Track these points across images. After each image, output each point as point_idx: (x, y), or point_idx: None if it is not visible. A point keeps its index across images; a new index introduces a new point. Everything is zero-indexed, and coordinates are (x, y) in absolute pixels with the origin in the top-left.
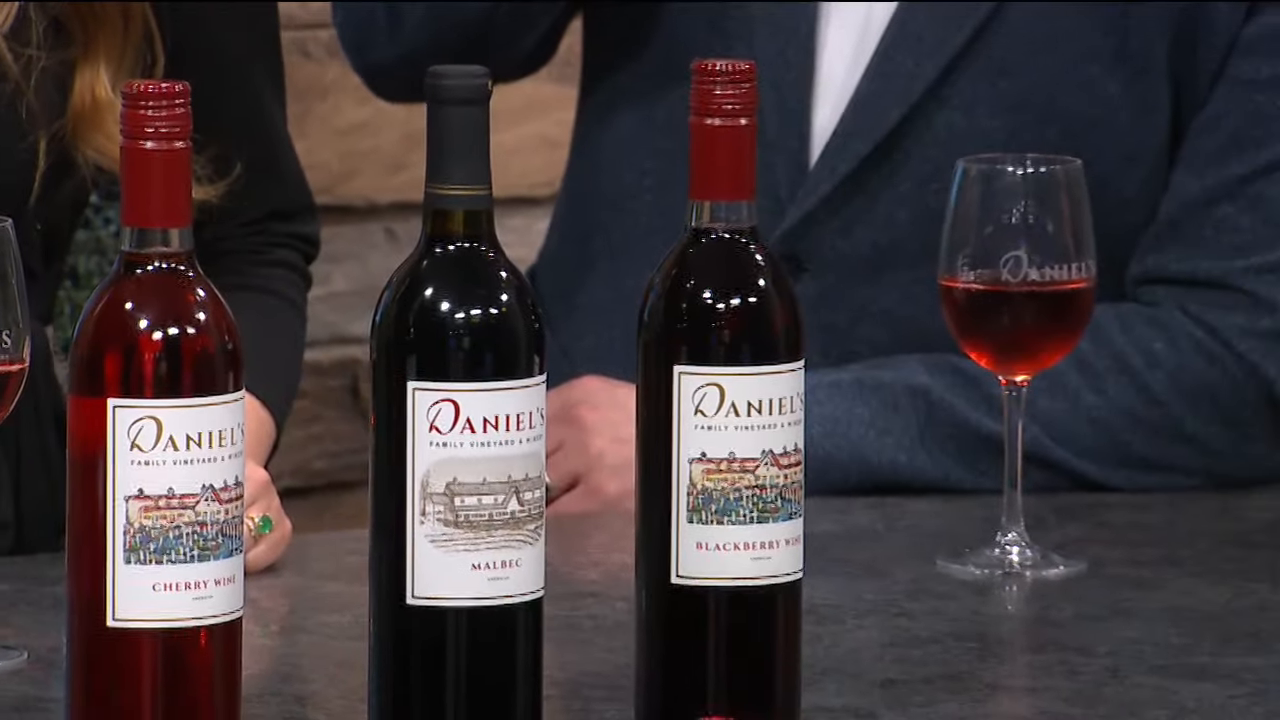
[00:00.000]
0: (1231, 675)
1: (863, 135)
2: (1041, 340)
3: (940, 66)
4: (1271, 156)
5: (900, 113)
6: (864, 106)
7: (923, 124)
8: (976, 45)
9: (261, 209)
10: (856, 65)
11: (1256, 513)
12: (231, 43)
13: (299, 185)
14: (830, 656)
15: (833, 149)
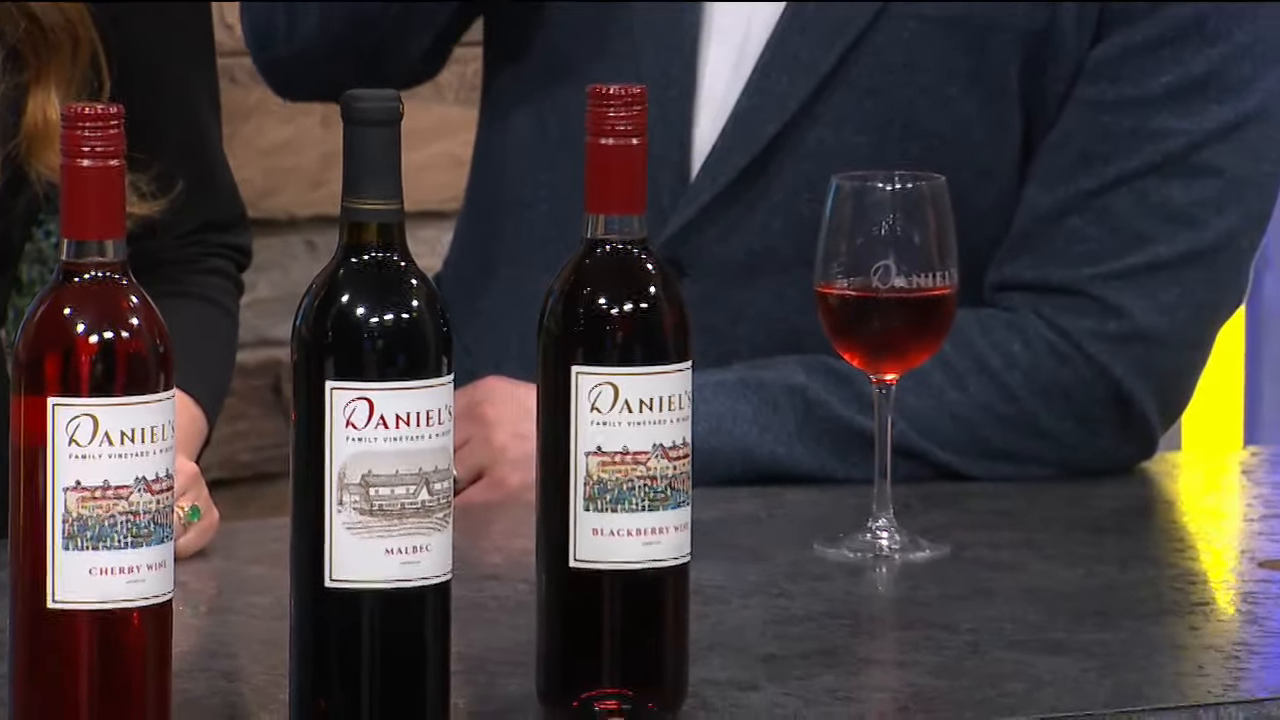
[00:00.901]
0: (1083, 650)
1: (740, 149)
2: (908, 342)
3: (812, 86)
4: (1117, 172)
5: (775, 128)
6: (742, 122)
7: (796, 139)
8: (845, 67)
9: (197, 221)
10: (735, 84)
11: (1105, 501)
12: (173, 67)
13: (233, 198)
14: (716, 633)
15: (713, 161)
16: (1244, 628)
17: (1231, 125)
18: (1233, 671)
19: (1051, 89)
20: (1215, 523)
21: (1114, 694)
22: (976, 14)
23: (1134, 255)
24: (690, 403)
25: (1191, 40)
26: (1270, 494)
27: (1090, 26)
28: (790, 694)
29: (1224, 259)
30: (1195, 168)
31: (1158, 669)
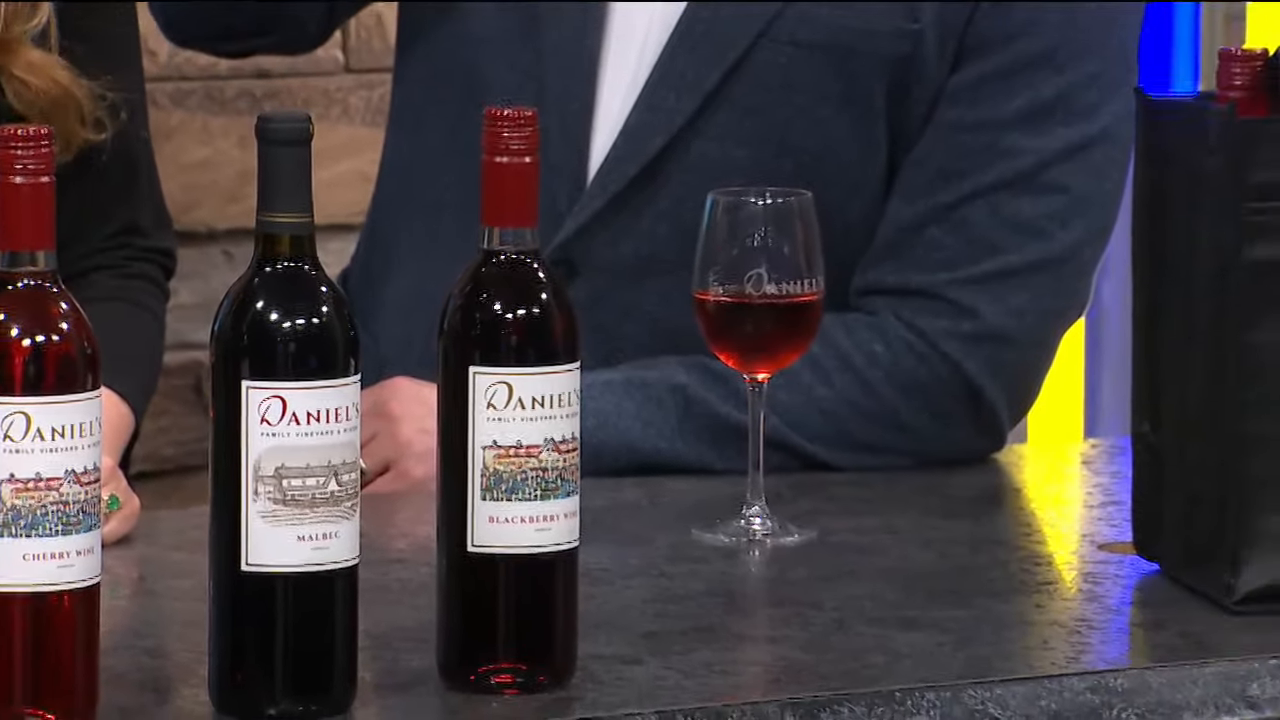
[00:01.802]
0: (938, 625)
1: (631, 160)
2: (779, 344)
3: (697, 104)
4: (972, 187)
5: (663, 142)
6: (633, 135)
7: (682, 152)
8: (727, 87)
9: (124, 223)
10: (628, 100)
11: (958, 489)
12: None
13: (159, 205)
14: (602, 612)
15: (605, 171)
16: (1085, 605)
17: (1077, 147)
18: (1075, 645)
19: (914, 111)
20: (1059, 509)
21: (966, 666)
22: (847, 41)
23: (987, 263)
24: (579, 400)
25: (1042, 69)
26: (1109, 482)
27: (950, 55)
28: (670, 668)
29: (1069, 268)
30: (1044, 184)
31: (1006, 643)
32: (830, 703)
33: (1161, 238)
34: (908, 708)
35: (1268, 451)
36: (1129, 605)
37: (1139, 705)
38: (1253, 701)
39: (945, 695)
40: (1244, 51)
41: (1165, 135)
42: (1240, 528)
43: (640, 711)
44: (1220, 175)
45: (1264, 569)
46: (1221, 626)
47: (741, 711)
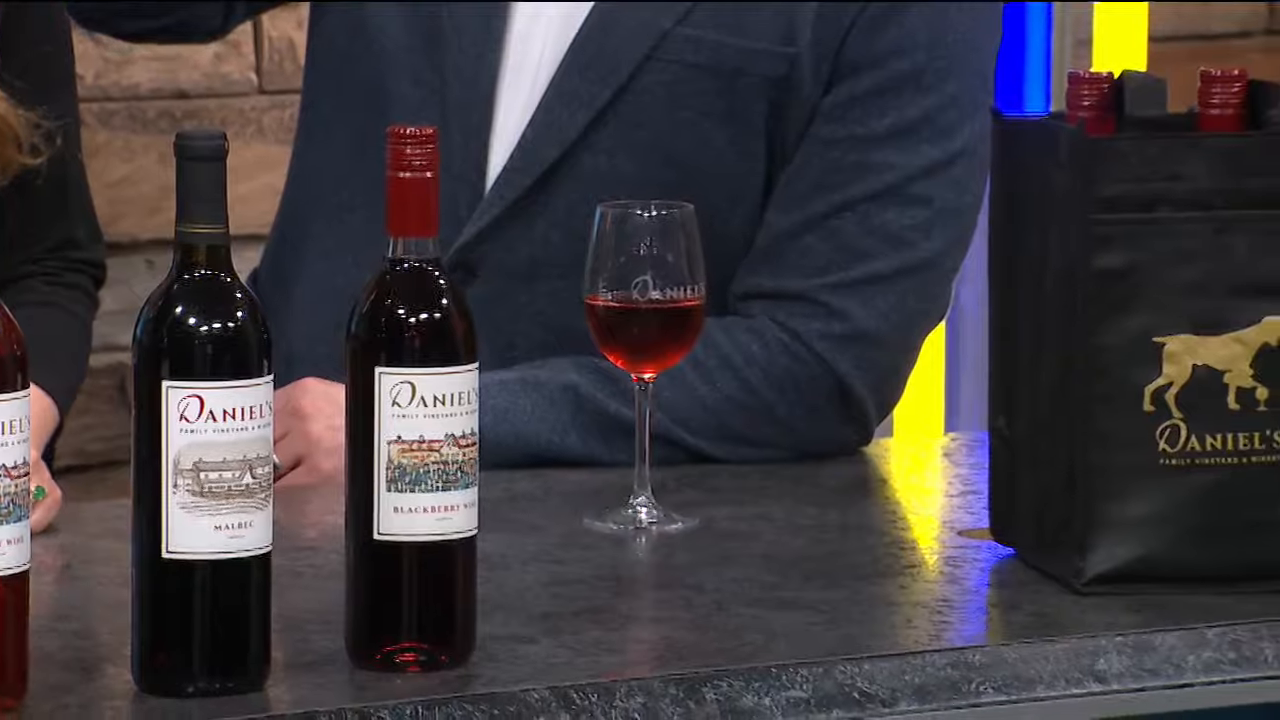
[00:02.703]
0: (811, 606)
1: (527, 171)
2: (664, 346)
3: (588, 119)
4: (844, 199)
5: (556, 154)
6: (529, 148)
7: (574, 164)
8: (617, 104)
9: (60, 239)
10: (525, 115)
11: (829, 479)
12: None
13: (91, 221)
14: (500, 595)
15: (503, 181)
16: (946, 587)
17: (940, 163)
18: (937, 624)
19: (791, 128)
20: (921, 498)
21: (837, 643)
22: (729, 63)
23: (857, 269)
24: (477, 398)
25: (908, 90)
26: (968, 473)
27: (824, 76)
28: (563, 646)
29: (932, 275)
30: (909, 197)
31: (874, 622)
32: (711, 678)
33: (1016, 247)
34: (782, 682)
35: (1112, 445)
36: (986, 587)
37: (995, 679)
38: (1100, 676)
39: (817, 671)
40: (1091, 75)
41: (1020, 152)
42: (1088, 515)
43: (535, 687)
44: (1070, 189)
45: (1110, 553)
46: (1071, 606)
47: (629, 687)
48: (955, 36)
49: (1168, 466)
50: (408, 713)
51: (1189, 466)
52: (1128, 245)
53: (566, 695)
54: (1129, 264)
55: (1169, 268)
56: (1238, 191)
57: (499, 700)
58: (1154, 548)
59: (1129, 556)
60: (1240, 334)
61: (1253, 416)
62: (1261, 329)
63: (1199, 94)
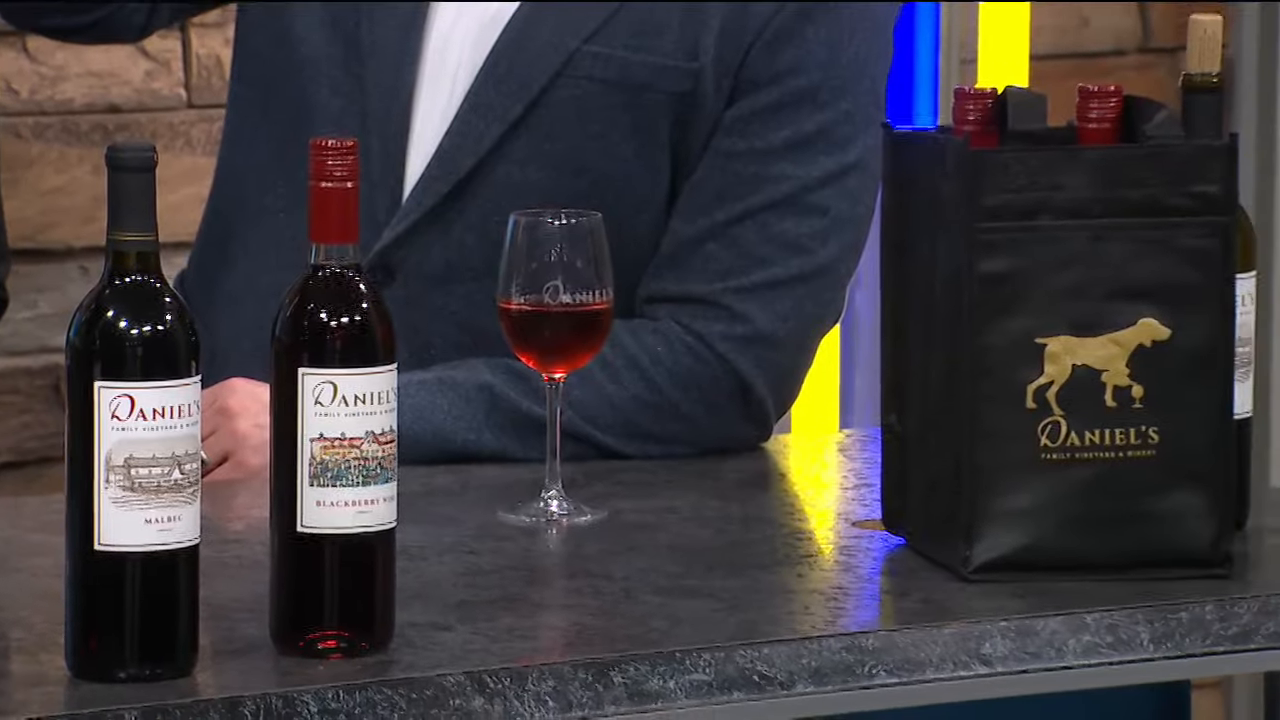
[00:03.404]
0: (713, 594)
1: (444, 179)
2: (574, 347)
3: (502, 131)
4: (745, 208)
5: (472, 163)
6: (446, 157)
7: (488, 173)
8: (530, 116)
9: None
10: (441, 126)
11: (731, 474)
12: None
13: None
14: (418, 584)
15: (420, 188)
16: (841, 575)
17: (835, 174)
18: (832, 610)
19: (694, 140)
20: (818, 491)
21: (738, 629)
22: (636, 79)
23: (757, 274)
24: (396, 398)
25: (805, 106)
26: (861, 468)
27: (726, 91)
28: (478, 633)
29: (827, 280)
30: (806, 207)
31: (773, 609)
32: (618, 662)
33: (906, 253)
34: (686, 666)
35: (996, 440)
36: (879, 575)
37: (887, 662)
38: (986, 659)
39: (719, 655)
40: (976, 91)
41: (909, 164)
42: (974, 507)
43: (451, 672)
44: (955, 199)
45: (995, 543)
46: (959, 593)
47: (540, 671)
48: (849, 56)
49: (1049, 461)
50: (329, 697)
51: (1069, 461)
52: (1010, 251)
53: (481, 680)
54: (1012, 269)
55: (1050, 272)
56: (1114, 200)
57: (417, 685)
58: (1036, 537)
59: (1013, 545)
60: (1117, 335)
61: (1128, 413)
62: (1137, 330)
63: (1077, 109)
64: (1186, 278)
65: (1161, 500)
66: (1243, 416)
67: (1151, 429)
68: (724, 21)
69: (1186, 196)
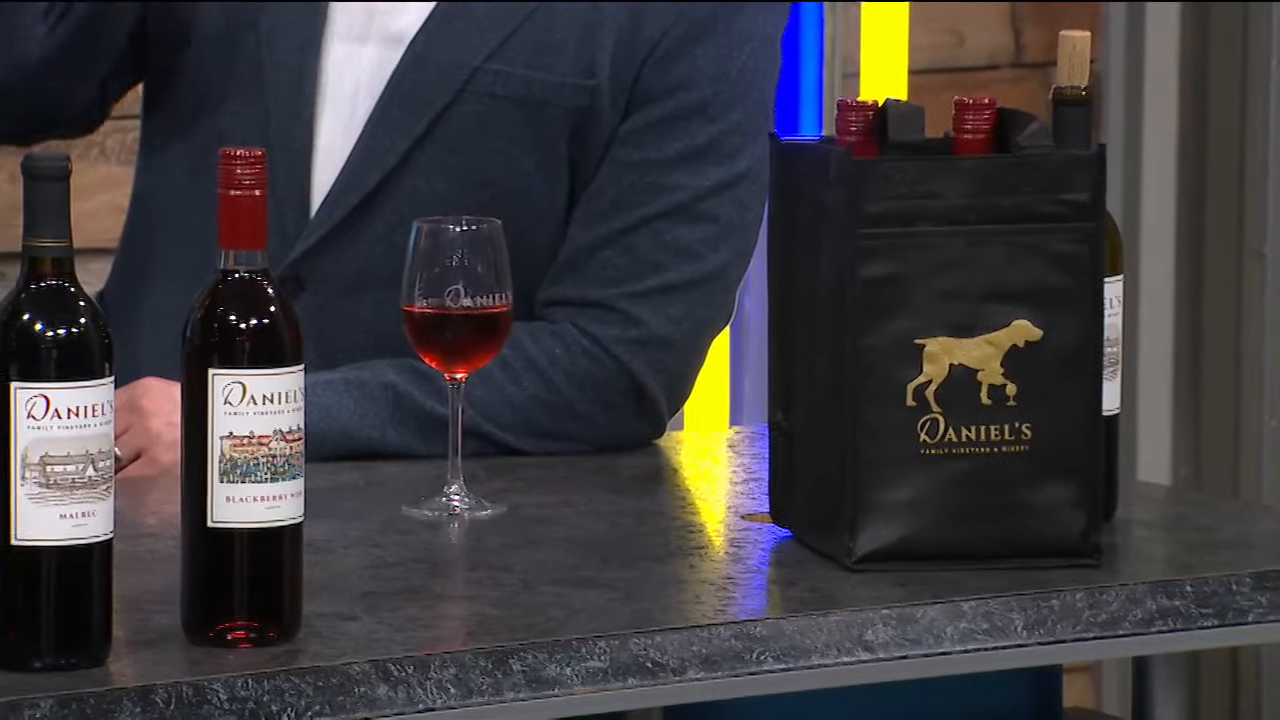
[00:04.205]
0: (609, 585)
1: (352, 192)
2: (475, 349)
3: (408, 146)
4: (640, 216)
5: (379, 177)
6: (354, 172)
7: (395, 186)
8: (434, 131)
9: None
10: (347, 141)
11: (625, 470)
12: None
13: None
14: (324, 577)
15: (330, 201)
16: (730, 566)
17: (726, 184)
18: (722, 600)
19: (592, 152)
20: (709, 485)
21: (632, 618)
22: (535, 95)
23: (651, 280)
24: (303, 397)
25: (697, 118)
26: (750, 463)
27: (621, 105)
28: (383, 623)
29: (718, 285)
30: (698, 215)
31: (666, 598)
32: (517, 650)
33: (792, 258)
34: (582, 654)
35: (878, 436)
36: (767, 565)
37: (775, 649)
38: (868, 645)
39: (614, 643)
40: (858, 102)
41: (795, 173)
42: (857, 500)
43: (356, 661)
44: (839, 206)
45: (877, 534)
46: (843, 582)
47: (442, 659)
48: (738, 70)
49: (928, 456)
50: (238, 685)
51: (946, 455)
52: (891, 256)
53: (385, 668)
54: (892, 273)
55: (928, 276)
56: (989, 208)
57: (323, 673)
58: (916, 529)
59: (894, 537)
60: (991, 336)
61: (1003, 411)
62: (1011, 331)
63: (954, 120)
64: (1057, 281)
65: (1034, 494)
66: (1111, 413)
67: (1025, 425)
68: (618, 40)
69: (1057, 204)
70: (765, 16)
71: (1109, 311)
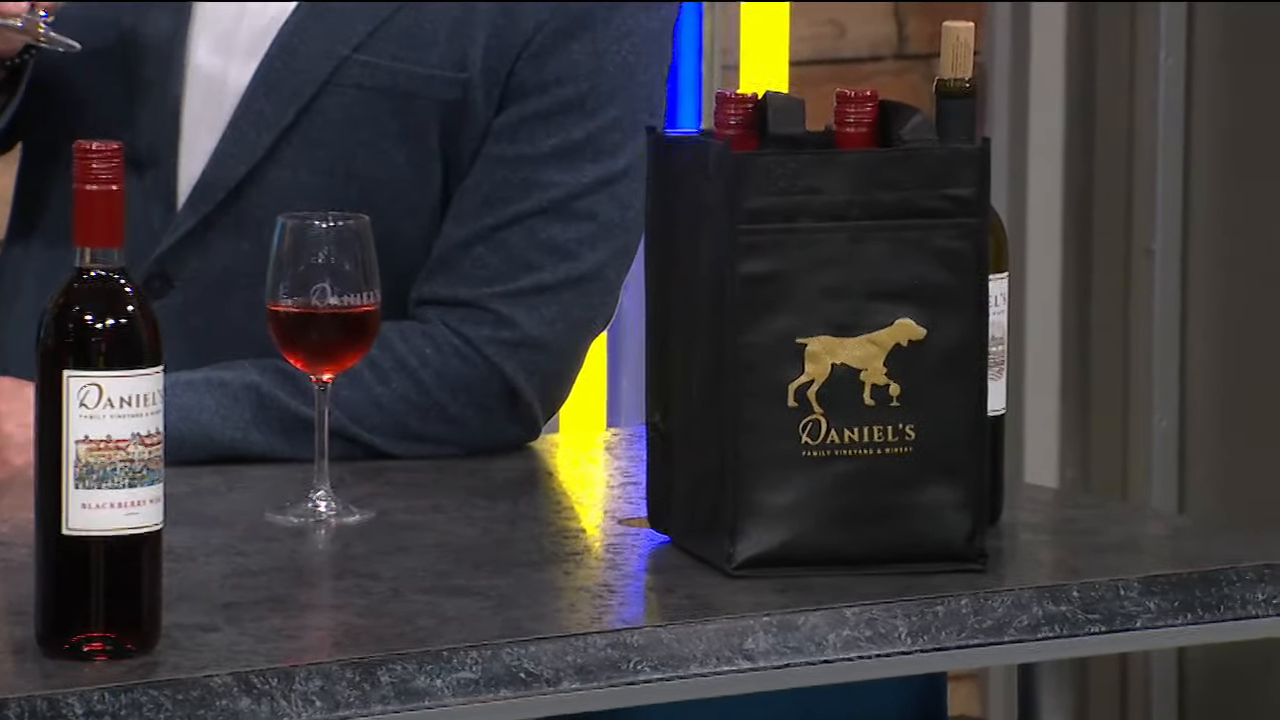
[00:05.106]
0: (481, 593)
1: (219, 185)
2: (341, 349)
3: (274, 138)
4: (514, 213)
5: (245, 170)
6: (220, 164)
7: (262, 179)
8: (301, 123)
9: None
10: (213, 135)
11: (499, 474)
12: None
13: None
14: (185, 586)
15: (196, 195)
16: (607, 572)
17: (604, 181)
18: (598, 607)
19: (465, 147)
20: (585, 489)
21: (505, 627)
22: (404, 87)
23: (524, 279)
24: (162, 399)
25: (574, 113)
26: (627, 465)
27: (495, 99)
28: (245, 634)
29: (596, 285)
30: (574, 212)
31: (540, 606)
32: (385, 661)
33: (671, 254)
34: (453, 664)
35: (759, 437)
36: (644, 572)
37: (652, 659)
38: (749, 654)
39: (486, 653)
40: (738, 95)
41: (673, 167)
42: (737, 503)
43: (217, 673)
44: (718, 202)
45: (758, 539)
46: (722, 589)
47: (308, 671)
48: (617, 64)
49: (809, 457)
50: (95, 699)
51: (829, 457)
52: (771, 253)
53: (248, 680)
54: (773, 270)
55: (809, 274)
56: (871, 203)
57: (183, 686)
58: (798, 533)
59: (775, 541)
60: (874, 335)
61: (886, 411)
62: (894, 330)
63: (835, 113)
64: (941, 279)
65: (918, 496)
66: (996, 414)
67: (908, 426)
68: (491, 33)
69: (940, 199)
70: (649, 11)
71: (994, 309)
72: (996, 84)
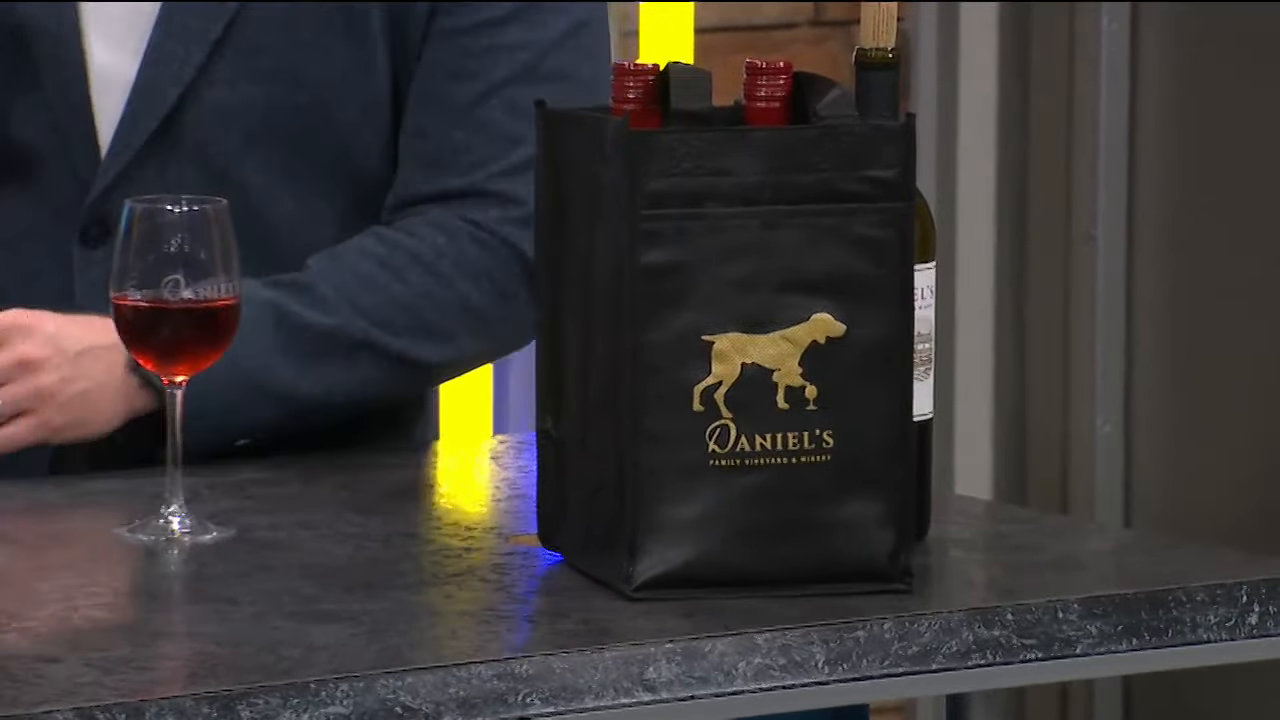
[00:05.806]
0: (353, 618)
1: (149, 114)
2: (197, 347)
3: (205, 51)
4: (485, 85)
5: (177, 92)
6: (146, 91)
7: (196, 99)
8: (233, 32)
9: None
10: (134, 57)
11: (372, 485)
12: None
13: None
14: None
15: (123, 131)
16: (493, 595)
17: (569, 33)
18: (483, 634)
19: (413, 30)
20: (470, 503)
21: (379, 656)
22: None
23: (515, 153)
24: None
25: None
26: (515, 477)
27: None
28: (90, 665)
29: None
30: (547, 74)
31: (418, 633)
32: (246, 695)
33: (563, 244)
34: (322, 698)
35: (661, 445)
36: (534, 594)
37: (543, 690)
38: (650, 684)
39: (359, 685)
40: (637, 65)
41: (567, 146)
42: (637, 518)
43: (59, 709)
44: (616, 184)
45: (661, 557)
46: (621, 613)
47: (159, 706)
48: None
49: (717, 467)
50: None
51: (738, 467)
52: (675, 241)
53: (92, 716)
54: (677, 260)
55: (717, 264)
56: (785, 186)
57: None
58: (704, 550)
59: (679, 560)
60: (789, 331)
61: (801, 416)
62: (810, 326)
63: (745, 86)
64: (862, 269)
65: (837, 509)
66: (923, 418)
67: (826, 432)
68: None
69: (861, 181)
70: None
71: (920, 304)
72: (922, 54)
